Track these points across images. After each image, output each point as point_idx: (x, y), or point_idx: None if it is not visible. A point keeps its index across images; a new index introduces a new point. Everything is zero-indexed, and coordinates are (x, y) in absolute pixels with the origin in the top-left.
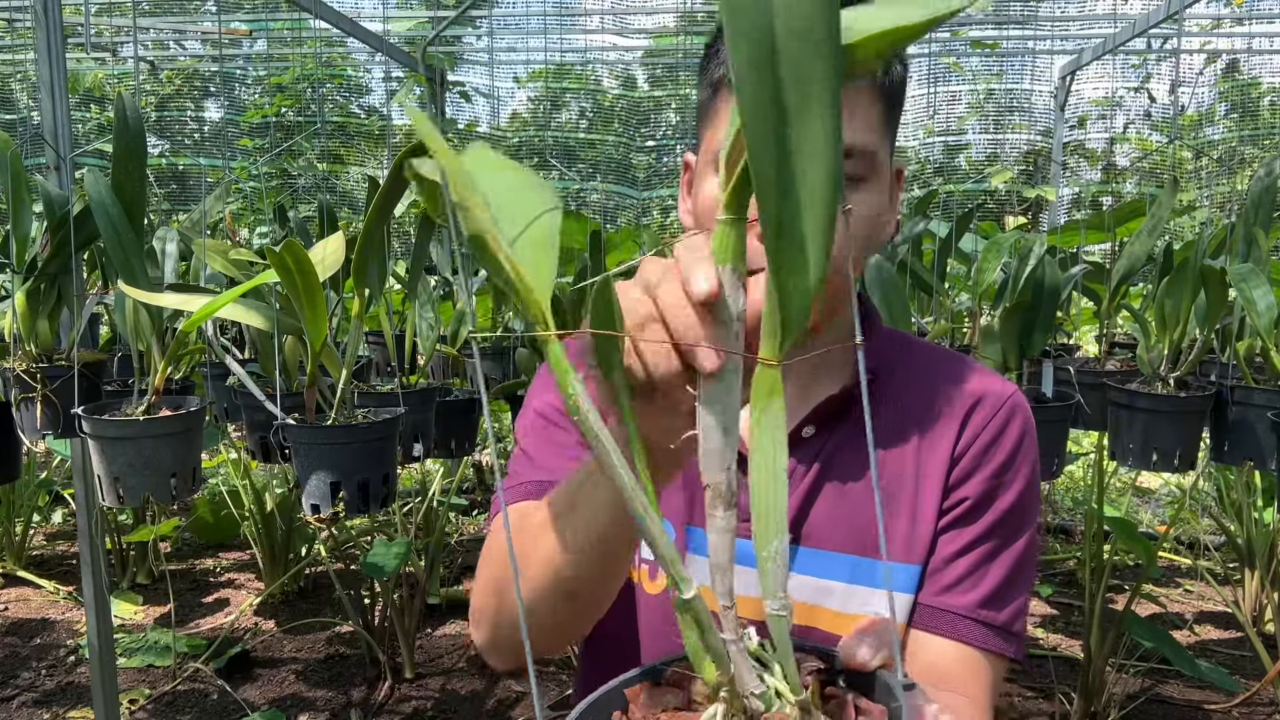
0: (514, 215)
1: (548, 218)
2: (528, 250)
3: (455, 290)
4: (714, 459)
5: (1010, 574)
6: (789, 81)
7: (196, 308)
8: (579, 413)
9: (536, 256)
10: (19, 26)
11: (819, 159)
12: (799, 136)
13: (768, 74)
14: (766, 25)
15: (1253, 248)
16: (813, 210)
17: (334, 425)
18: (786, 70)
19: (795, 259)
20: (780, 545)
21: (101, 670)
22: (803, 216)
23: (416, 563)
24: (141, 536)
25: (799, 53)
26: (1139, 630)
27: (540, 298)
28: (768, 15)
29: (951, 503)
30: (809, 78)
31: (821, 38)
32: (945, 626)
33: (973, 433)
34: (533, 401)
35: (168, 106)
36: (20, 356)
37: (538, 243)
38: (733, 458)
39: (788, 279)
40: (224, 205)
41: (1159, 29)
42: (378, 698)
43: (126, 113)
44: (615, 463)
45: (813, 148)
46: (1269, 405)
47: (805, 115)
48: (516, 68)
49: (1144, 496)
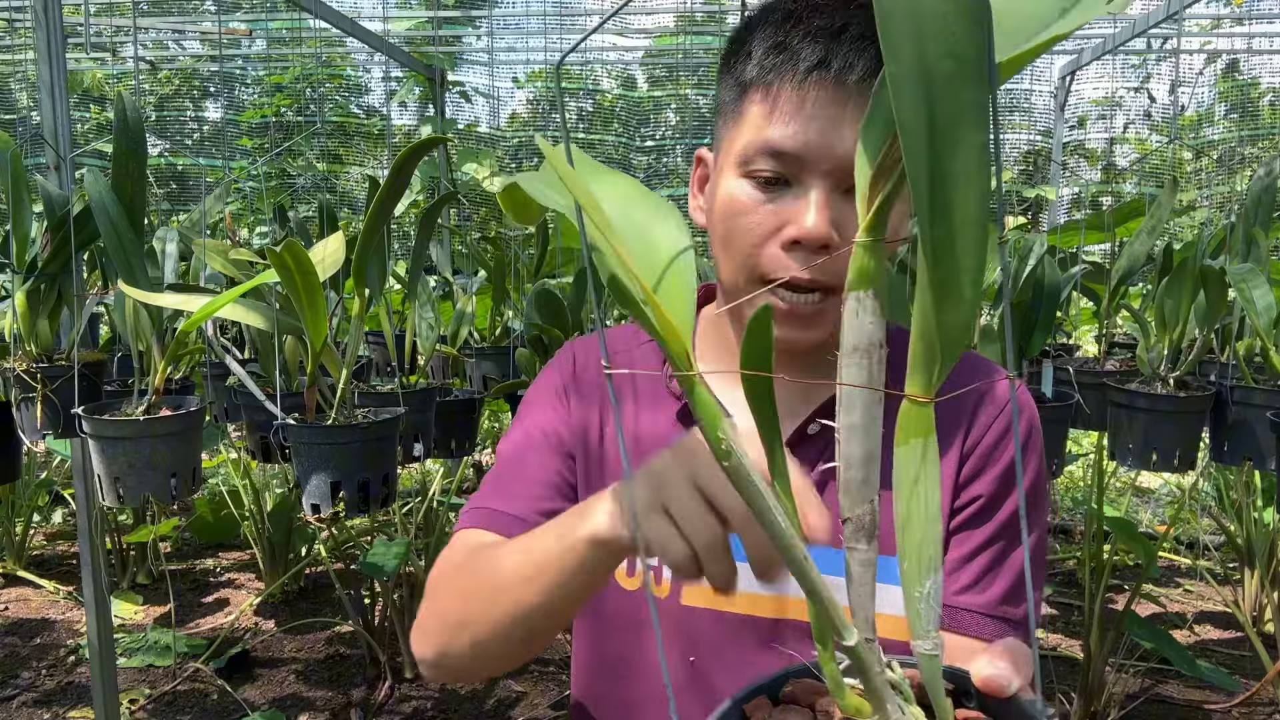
0: (649, 255)
1: (682, 260)
2: (668, 294)
3: (455, 290)
4: (855, 492)
5: (1025, 569)
6: (940, 101)
7: (196, 308)
8: (730, 458)
9: (677, 300)
10: (19, 26)
11: (972, 183)
12: (951, 159)
13: (921, 95)
14: (918, 48)
15: (1252, 248)
16: (966, 237)
17: (334, 425)
18: (936, 91)
19: (951, 289)
20: (934, 584)
21: (101, 670)
22: (957, 243)
23: (416, 563)
24: (141, 536)
25: (950, 75)
26: (1139, 630)
27: (683, 339)
28: (920, 39)
29: (964, 501)
30: (960, 107)
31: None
32: (966, 625)
33: (981, 429)
34: (524, 420)
35: (167, 106)
36: (20, 356)
37: (676, 286)
38: (874, 492)
39: (943, 310)
40: (224, 205)
41: (1159, 29)
42: (378, 698)
43: (126, 113)
44: (771, 508)
45: (965, 170)
46: (1268, 405)
47: (957, 139)
48: (516, 68)
49: (1144, 496)
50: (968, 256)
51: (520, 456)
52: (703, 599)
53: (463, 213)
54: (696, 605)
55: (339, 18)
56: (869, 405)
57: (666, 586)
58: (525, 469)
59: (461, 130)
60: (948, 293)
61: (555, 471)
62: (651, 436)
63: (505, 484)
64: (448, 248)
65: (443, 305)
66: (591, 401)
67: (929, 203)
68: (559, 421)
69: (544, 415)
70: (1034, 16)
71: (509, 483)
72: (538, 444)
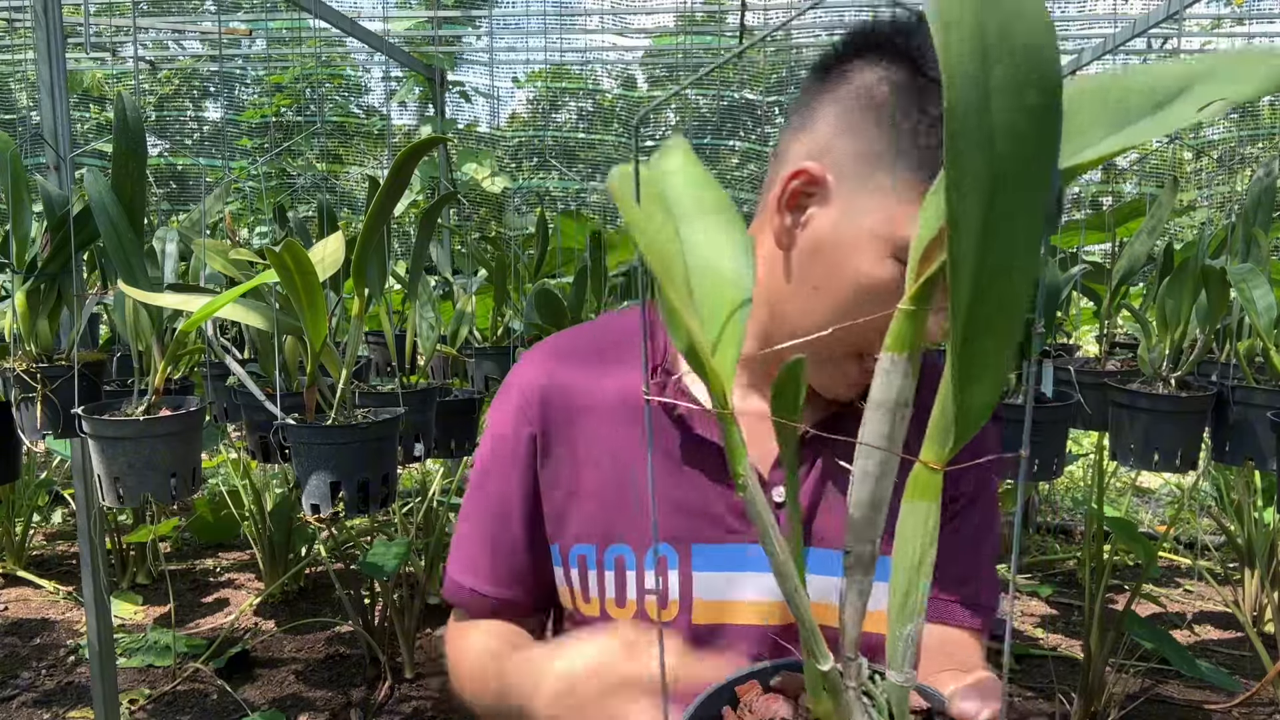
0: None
1: (741, 312)
2: (721, 338)
3: (455, 290)
4: (859, 531)
5: (994, 558)
6: (1000, 199)
7: (196, 308)
8: (745, 491)
9: (726, 344)
10: (19, 26)
11: (1017, 277)
12: (999, 253)
13: (980, 199)
14: (986, 157)
15: (1252, 248)
16: (1001, 326)
17: (334, 425)
18: (997, 195)
19: (980, 369)
20: (914, 628)
21: (101, 670)
22: (990, 330)
23: (416, 563)
24: (141, 536)
25: (1015, 176)
26: (1139, 630)
27: (725, 381)
28: (989, 143)
29: (946, 498)
30: (1018, 210)
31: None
32: (954, 616)
33: None
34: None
35: (167, 106)
36: (20, 356)
37: (729, 334)
38: (878, 533)
39: (967, 387)
40: (223, 205)
41: (1159, 29)
42: (378, 698)
43: (126, 113)
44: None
45: (1011, 269)
46: (1269, 405)
47: (1010, 234)
48: (516, 68)
49: (1144, 496)
50: (1001, 343)
51: (496, 532)
52: (710, 616)
53: (463, 212)
54: (703, 623)
55: (339, 18)
56: (885, 457)
57: (674, 608)
58: (506, 539)
59: (461, 130)
60: (976, 373)
61: (529, 533)
62: (623, 412)
63: (487, 558)
64: (448, 248)
65: (443, 305)
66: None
67: (970, 291)
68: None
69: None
70: (1095, 125)
71: (491, 557)
72: (512, 513)
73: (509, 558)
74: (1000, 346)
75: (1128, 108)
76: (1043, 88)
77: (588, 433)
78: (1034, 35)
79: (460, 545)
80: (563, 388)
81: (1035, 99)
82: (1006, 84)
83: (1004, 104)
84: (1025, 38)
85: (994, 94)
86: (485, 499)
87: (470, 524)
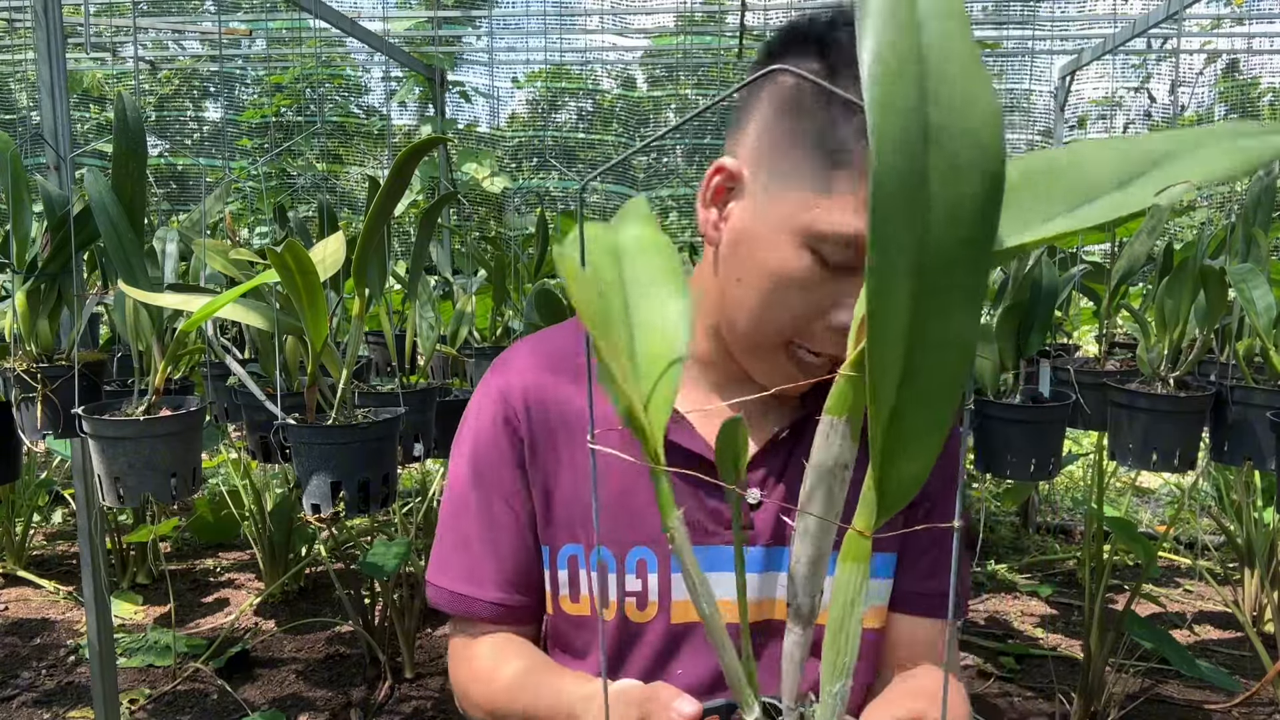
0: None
1: (674, 370)
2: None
3: (455, 290)
4: (801, 586)
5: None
6: (931, 276)
7: (196, 308)
8: (674, 542)
9: (660, 404)
10: (19, 26)
11: (950, 359)
12: (933, 333)
13: (908, 285)
14: (919, 222)
15: (1252, 248)
16: (934, 405)
17: (334, 425)
18: (930, 263)
19: (909, 446)
20: (844, 687)
21: (101, 670)
22: (921, 409)
23: (416, 563)
24: (141, 536)
25: (949, 255)
26: (1139, 630)
27: (656, 437)
28: (923, 211)
29: (918, 498)
30: (953, 284)
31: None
32: (933, 608)
33: None
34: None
35: (167, 106)
36: (20, 356)
37: (662, 393)
38: (819, 587)
39: (895, 463)
40: (224, 205)
41: (1159, 29)
42: (378, 698)
43: (126, 113)
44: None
45: (945, 350)
46: (1269, 405)
47: (944, 315)
48: (516, 68)
49: (1144, 496)
50: (933, 420)
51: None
52: (688, 616)
53: (463, 212)
54: (680, 622)
55: (339, 18)
56: (823, 522)
57: (653, 609)
58: (509, 542)
59: (461, 130)
60: (904, 451)
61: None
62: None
63: (493, 563)
64: (448, 248)
65: (443, 305)
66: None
67: (899, 371)
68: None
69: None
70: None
71: (497, 561)
72: (514, 516)
73: (515, 561)
74: (933, 421)
75: (1088, 184)
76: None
77: (567, 437)
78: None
79: (454, 552)
80: (544, 392)
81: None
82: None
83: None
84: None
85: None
86: (481, 504)
87: (463, 530)
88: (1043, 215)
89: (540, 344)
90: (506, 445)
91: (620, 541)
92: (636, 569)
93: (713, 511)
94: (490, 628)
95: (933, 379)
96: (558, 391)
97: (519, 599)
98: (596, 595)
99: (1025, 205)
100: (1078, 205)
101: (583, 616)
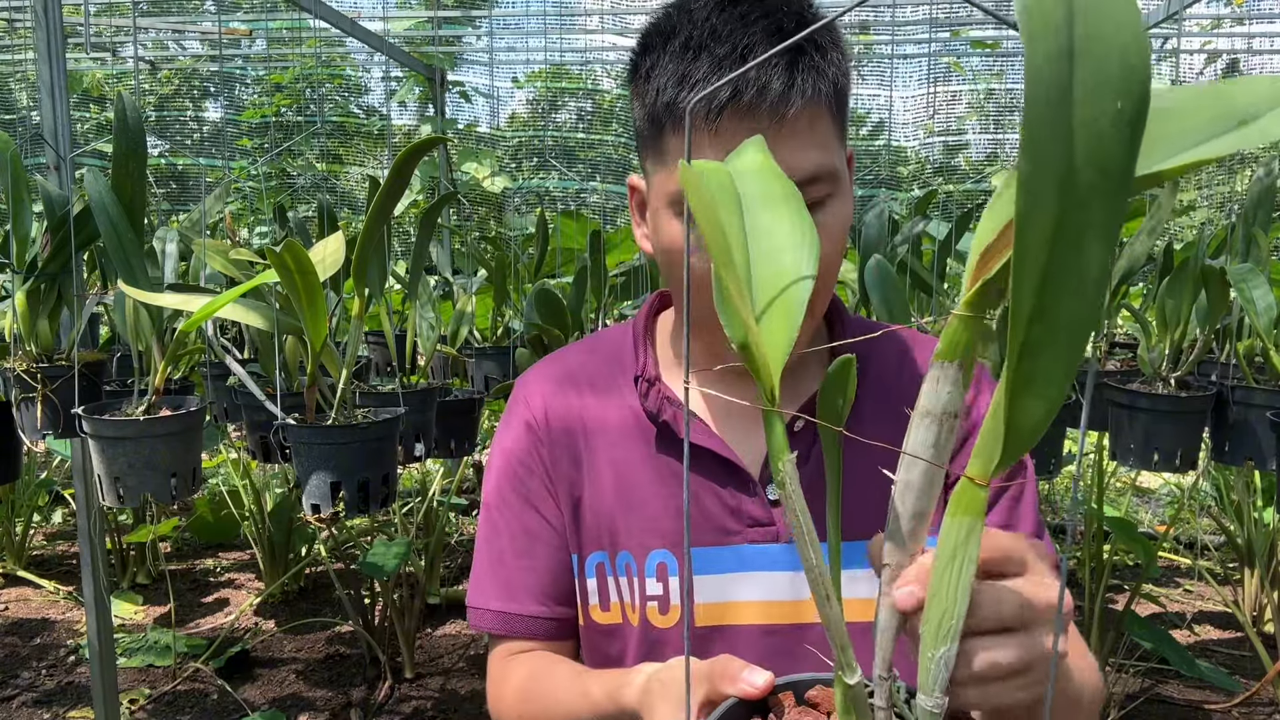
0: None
1: (794, 293)
2: (770, 322)
3: (455, 290)
4: (899, 545)
5: (1036, 508)
6: (1072, 209)
7: (196, 308)
8: (784, 489)
9: (775, 332)
10: (19, 26)
11: (1084, 293)
12: (1068, 266)
13: (1052, 201)
14: (1064, 152)
15: (1252, 248)
16: (1065, 341)
17: (334, 425)
18: (1071, 198)
19: (1036, 386)
20: (949, 651)
21: (101, 670)
22: (1054, 344)
23: (416, 563)
24: (141, 536)
25: (1091, 185)
26: (1139, 630)
27: (774, 373)
28: (1068, 142)
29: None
30: (1092, 217)
31: (1118, 171)
32: None
33: None
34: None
35: (167, 106)
36: (20, 356)
37: (779, 323)
38: (920, 545)
39: (1019, 404)
40: (224, 205)
41: (1159, 29)
42: (378, 698)
43: (126, 113)
44: (807, 540)
45: (1080, 282)
46: (1269, 405)
47: (1080, 248)
48: (516, 68)
49: (1144, 496)
50: (1061, 360)
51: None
52: (711, 618)
53: (463, 212)
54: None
55: (339, 18)
56: (930, 470)
57: (675, 614)
58: (548, 557)
59: (461, 130)
60: (1031, 389)
61: (558, 553)
62: (618, 422)
63: (534, 579)
64: (448, 248)
65: (443, 305)
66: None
67: (1033, 301)
68: (553, 499)
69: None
70: (1182, 134)
71: (536, 577)
72: (551, 531)
73: (552, 572)
74: (1060, 365)
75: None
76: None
77: (591, 449)
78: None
79: (489, 570)
80: (563, 406)
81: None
82: (1090, 84)
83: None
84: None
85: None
86: (514, 519)
87: (498, 548)
88: (1182, 145)
89: (554, 363)
90: (533, 458)
91: (640, 545)
92: (656, 572)
93: (734, 510)
94: (529, 645)
95: (1063, 316)
96: (577, 404)
97: (559, 610)
98: None
99: (1166, 135)
100: (1213, 137)
101: (614, 625)
